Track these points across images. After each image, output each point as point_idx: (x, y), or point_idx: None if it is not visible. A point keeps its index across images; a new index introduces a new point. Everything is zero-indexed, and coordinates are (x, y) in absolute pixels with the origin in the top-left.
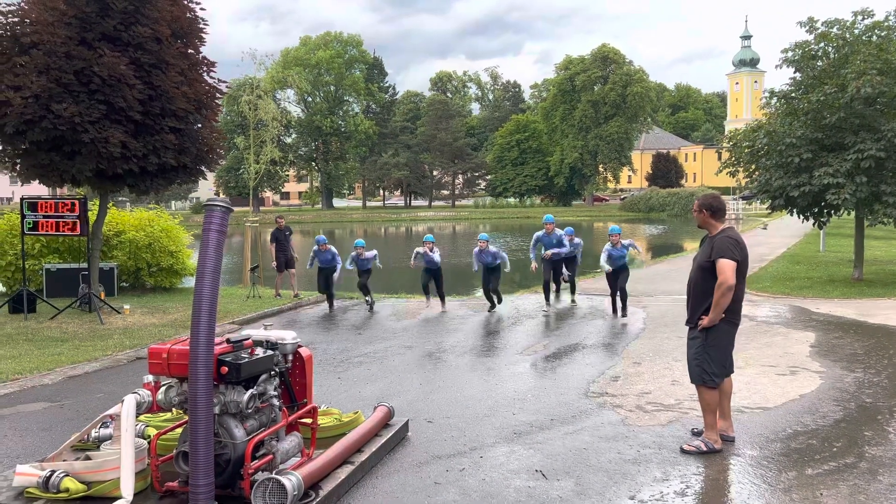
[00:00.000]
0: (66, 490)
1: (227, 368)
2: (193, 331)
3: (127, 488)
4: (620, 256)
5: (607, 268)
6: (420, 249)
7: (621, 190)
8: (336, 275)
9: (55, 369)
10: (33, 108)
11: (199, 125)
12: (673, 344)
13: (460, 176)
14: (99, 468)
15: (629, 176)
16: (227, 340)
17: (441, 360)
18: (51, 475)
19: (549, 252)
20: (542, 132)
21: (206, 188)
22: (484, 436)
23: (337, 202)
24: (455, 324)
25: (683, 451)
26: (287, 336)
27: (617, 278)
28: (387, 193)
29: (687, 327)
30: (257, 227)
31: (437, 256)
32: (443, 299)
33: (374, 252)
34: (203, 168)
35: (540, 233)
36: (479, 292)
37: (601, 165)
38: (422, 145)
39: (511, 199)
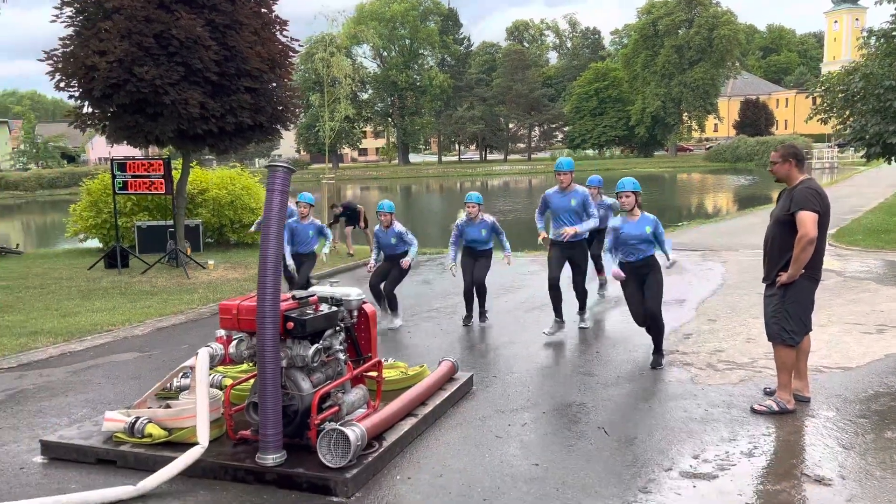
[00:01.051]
0: (150, 435)
1: (292, 324)
2: (260, 288)
3: (203, 435)
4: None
5: (619, 273)
6: (461, 218)
7: (706, 139)
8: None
9: (145, 321)
10: (118, 71)
11: (274, 84)
12: (751, 300)
13: (536, 128)
14: (178, 416)
15: (715, 124)
16: (293, 297)
17: (509, 315)
18: (135, 421)
19: (568, 231)
20: (623, 80)
21: (288, 146)
22: (548, 392)
23: (413, 157)
24: (526, 280)
25: (754, 411)
26: (352, 292)
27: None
28: (462, 148)
29: (764, 284)
30: (334, 184)
31: (481, 230)
32: (483, 315)
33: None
34: (278, 127)
35: (551, 190)
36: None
37: (685, 114)
38: (497, 97)
39: (589, 151)
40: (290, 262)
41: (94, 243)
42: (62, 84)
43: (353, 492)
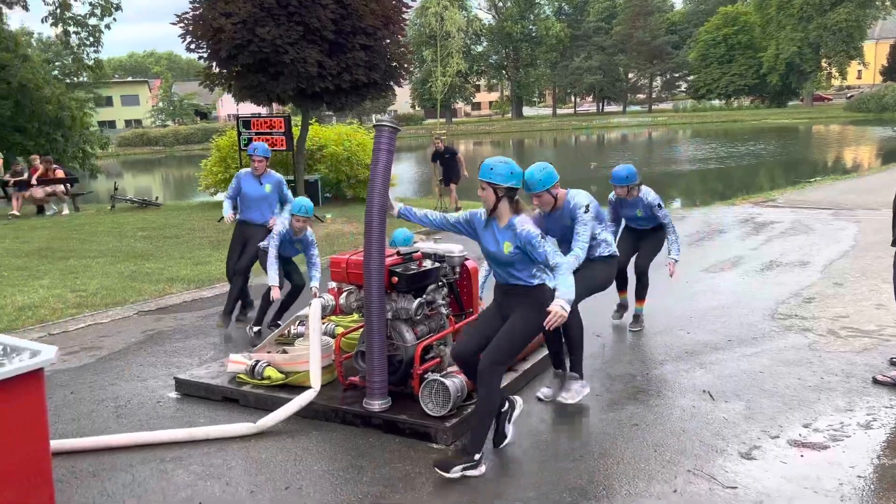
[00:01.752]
0: (268, 378)
1: (397, 279)
2: (366, 244)
3: (315, 380)
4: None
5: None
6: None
7: (847, 87)
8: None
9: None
10: (241, 32)
11: (388, 41)
12: (885, 263)
13: (658, 78)
14: (294, 361)
15: (858, 71)
16: (398, 253)
17: None
18: (256, 364)
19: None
20: (755, 25)
21: (403, 101)
22: (653, 353)
23: (527, 111)
24: None
25: (876, 382)
26: (455, 249)
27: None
28: (578, 100)
29: (894, 248)
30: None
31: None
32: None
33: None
34: (391, 83)
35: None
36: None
37: (824, 60)
38: (617, 46)
39: (716, 102)
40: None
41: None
42: (192, 46)
43: (453, 440)
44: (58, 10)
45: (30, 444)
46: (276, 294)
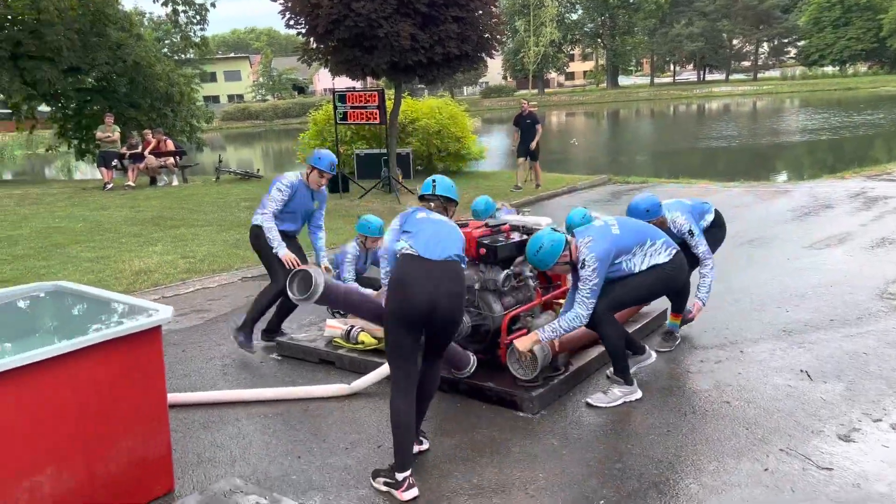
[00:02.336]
0: (362, 343)
1: (485, 250)
2: None
3: None
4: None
5: None
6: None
7: None
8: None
9: None
10: (338, 7)
11: (480, 12)
12: None
13: (765, 44)
14: None
15: None
16: (486, 224)
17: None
18: (351, 329)
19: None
20: None
21: (495, 73)
22: (747, 330)
23: (622, 80)
24: (735, 212)
25: None
26: (543, 222)
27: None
28: (677, 68)
29: None
30: (539, 111)
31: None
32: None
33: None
34: (483, 55)
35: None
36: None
37: None
38: (720, 11)
39: (828, 69)
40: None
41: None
42: (291, 22)
43: (539, 409)
44: None
45: (149, 394)
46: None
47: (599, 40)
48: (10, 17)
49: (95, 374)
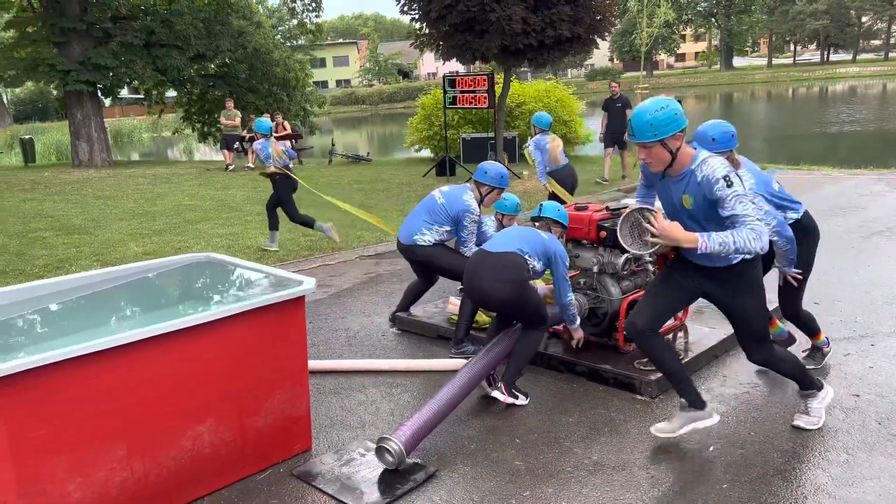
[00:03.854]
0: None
1: (605, 233)
2: None
3: None
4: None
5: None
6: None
7: None
8: None
9: None
10: None
11: None
12: None
13: None
14: None
15: None
16: (607, 208)
17: (840, 239)
18: None
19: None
20: None
21: (602, 55)
22: (879, 323)
23: (737, 61)
24: (863, 200)
25: None
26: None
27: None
28: (798, 48)
29: None
30: (647, 94)
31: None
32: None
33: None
34: (595, 37)
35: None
36: None
37: None
38: None
39: None
40: None
41: (427, 153)
42: (405, 8)
43: (657, 394)
44: None
45: (293, 358)
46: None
47: (713, 20)
48: (143, 7)
49: (247, 338)
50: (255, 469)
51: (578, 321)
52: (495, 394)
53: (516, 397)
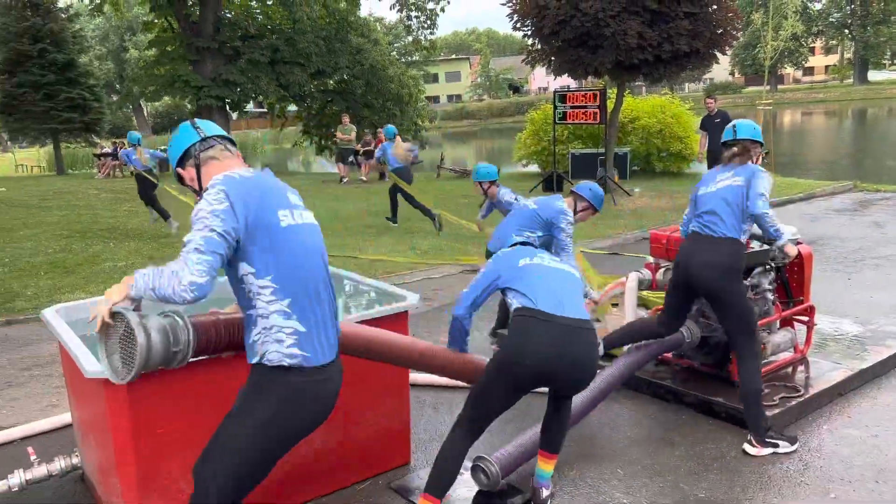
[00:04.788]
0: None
1: None
2: None
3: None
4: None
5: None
6: None
7: None
8: None
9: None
10: (565, 8)
11: (714, 7)
12: None
13: None
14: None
15: None
16: None
17: None
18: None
19: None
20: None
21: (721, 68)
22: None
23: (873, 75)
24: None
25: None
26: (787, 231)
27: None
28: None
29: None
30: (771, 110)
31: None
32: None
33: None
34: (714, 52)
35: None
36: None
37: None
38: None
39: None
40: None
41: (534, 168)
42: (517, 24)
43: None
44: None
45: (395, 371)
46: None
47: (847, 31)
48: (270, 27)
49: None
50: (355, 479)
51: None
52: (748, 448)
53: (776, 445)
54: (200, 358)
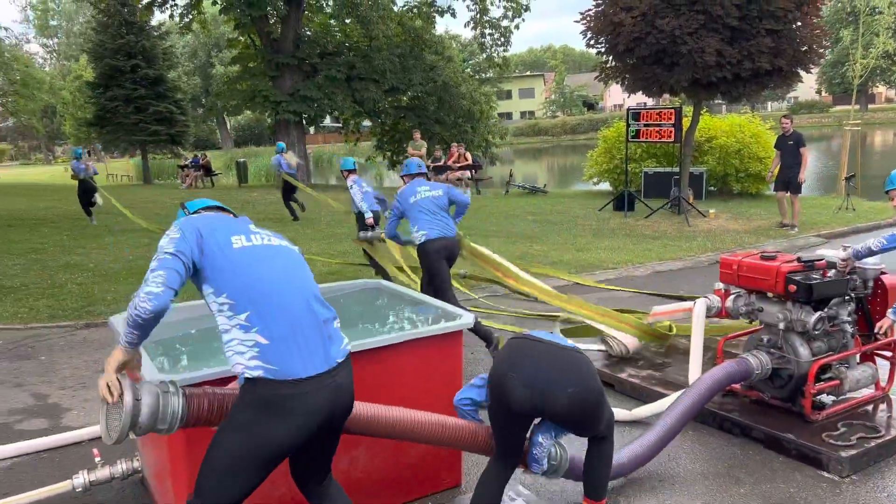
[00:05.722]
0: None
1: (794, 287)
2: None
3: (694, 378)
4: None
5: None
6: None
7: None
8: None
9: (645, 263)
10: (640, 25)
11: (798, 24)
12: None
13: None
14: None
15: None
16: (799, 259)
17: None
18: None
19: None
20: None
21: (807, 87)
22: None
23: None
24: None
25: None
26: (870, 260)
27: None
28: None
29: None
30: (859, 131)
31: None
32: None
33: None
34: (798, 70)
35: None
36: None
37: None
38: None
39: None
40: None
41: (605, 186)
42: (591, 42)
43: (849, 473)
44: (478, 15)
45: (449, 390)
46: None
47: None
48: (347, 44)
49: (407, 366)
50: (404, 499)
51: None
52: None
53: None
54: None
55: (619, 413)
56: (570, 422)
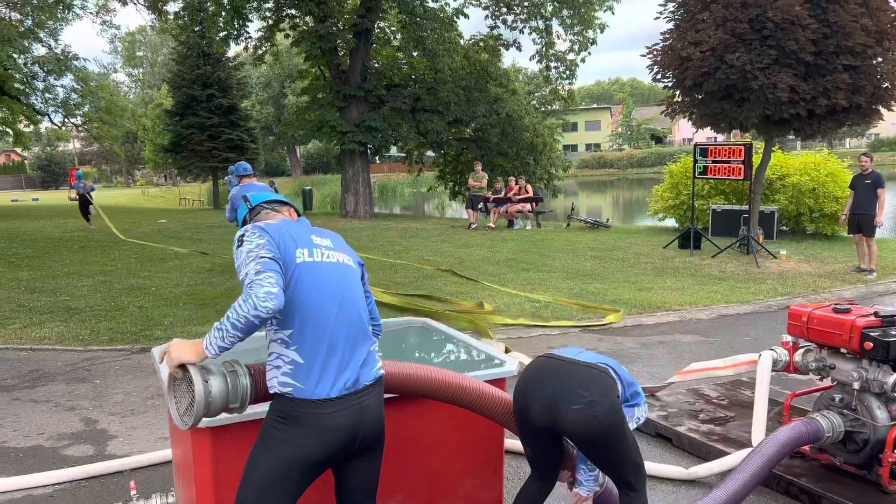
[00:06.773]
0: None
1: (871, 344)
2: None
3: (757, 436)
4: None
5: None
6: None
7: None
8: None
9: (710, 306)
10: (709, 60)
11: (879, 59)
12: None
13: None
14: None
15: None
16: (876, 314)
17: None
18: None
19: None
20: None
21: (889, 124)
22: None
23: None
24: None
25: None
26: None
27: None
28: None
29: None
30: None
31: None
32: None
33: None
34: (878, 107)
35: None
36: None
37: None
38: None
39: None
40: None
41: (671, 223)
42: (658, 76)
43: None
44: (544, 48)
45: (491, 439)
46: None
47: None
48: (413, 76)
49: (447, 413)
50: None
51: None
52: None
53: None
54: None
55: (675, 471)
56: (582, 442)
